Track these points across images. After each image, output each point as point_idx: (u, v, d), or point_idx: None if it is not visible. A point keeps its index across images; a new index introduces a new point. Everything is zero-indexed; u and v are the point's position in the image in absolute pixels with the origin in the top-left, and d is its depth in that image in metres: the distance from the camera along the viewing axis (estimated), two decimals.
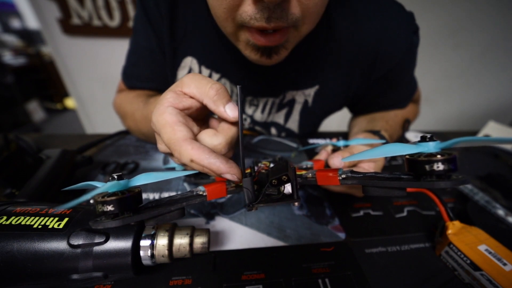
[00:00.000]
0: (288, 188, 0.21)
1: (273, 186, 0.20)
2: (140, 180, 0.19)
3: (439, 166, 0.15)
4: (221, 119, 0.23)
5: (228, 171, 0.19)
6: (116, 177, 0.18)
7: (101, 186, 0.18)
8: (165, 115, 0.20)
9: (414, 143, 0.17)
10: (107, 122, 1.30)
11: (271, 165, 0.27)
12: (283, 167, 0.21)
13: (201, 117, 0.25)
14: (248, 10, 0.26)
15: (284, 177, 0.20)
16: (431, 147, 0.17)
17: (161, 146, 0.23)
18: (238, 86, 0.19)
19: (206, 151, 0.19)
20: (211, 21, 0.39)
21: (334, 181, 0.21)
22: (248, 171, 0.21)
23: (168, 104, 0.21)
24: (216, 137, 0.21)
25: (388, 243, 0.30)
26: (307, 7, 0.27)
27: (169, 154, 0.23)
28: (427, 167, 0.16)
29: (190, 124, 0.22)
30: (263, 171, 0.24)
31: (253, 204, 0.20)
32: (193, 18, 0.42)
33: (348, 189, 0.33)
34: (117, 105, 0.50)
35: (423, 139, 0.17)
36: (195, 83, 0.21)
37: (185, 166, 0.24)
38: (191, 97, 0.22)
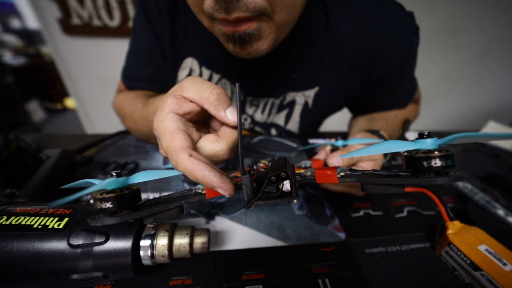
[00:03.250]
0: (287, 186, 0.21)
1: (272, 183, 0.20)
2: (138, 177, 0.19)
3: (437, 162, 0.15)
4: (222, 123, 0.23)
5: (221, 186, 0.19)
6: (114, 174, 0.18)
7: (100, 183, 0.18)
8: (166, 122, 0.20)
9: (412, 140, 0.17)
10: (107, 122, 1.30)
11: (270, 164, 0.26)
12: (282, 164, 0.21)
13: (201, 120, 0.25)
14: (209, 2, 0.27)
15: (282, 173, 0.20)
16: (429, 143, 0.17)
17: (162, 151, 0.23)
18: (237, 84, 0.19)
19: (202, 163, 0.19)
20: None
21: (332, 179, 0.21)
22: (247, 169, 0.21)
23: (169, 110, 0.21)
24: (218, 143, 0.21)
25: (388, 243, 0.30)
26: None
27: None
28: (425, 163, 0.16)
29: (190, 131, 0.22)
30: (262, 170, 0.24)
31: (251, 201, 0.20)
32: (193, 19, 0.42)
33: (348, 188, 0.33)
34: (116, 106, 0.50)
35: (421, 136, 0.17)
36: (195, 88, 0.21)
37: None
38: (191, 101, 0.22)
